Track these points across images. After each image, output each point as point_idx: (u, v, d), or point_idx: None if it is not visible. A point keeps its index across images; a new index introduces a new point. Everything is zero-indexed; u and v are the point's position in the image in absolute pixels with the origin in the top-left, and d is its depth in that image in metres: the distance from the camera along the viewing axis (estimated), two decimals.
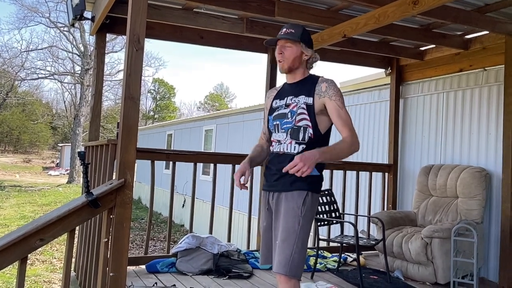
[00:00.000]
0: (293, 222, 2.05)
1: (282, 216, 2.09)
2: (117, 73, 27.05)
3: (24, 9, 24.84)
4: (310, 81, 2.23)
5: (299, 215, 2.06)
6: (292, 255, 2.01)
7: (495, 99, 4.16)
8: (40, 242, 2.21)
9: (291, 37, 2.17)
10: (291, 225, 2.05)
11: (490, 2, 3.43)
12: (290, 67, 2.20)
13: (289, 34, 2.18)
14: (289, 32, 2.18)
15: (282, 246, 2.04)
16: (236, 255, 3.88)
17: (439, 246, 3.58)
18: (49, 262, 8.57)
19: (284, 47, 2.19)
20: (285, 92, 2.28)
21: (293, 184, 2.10)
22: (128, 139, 2.48)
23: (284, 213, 2.09)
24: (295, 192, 2.09)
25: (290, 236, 2.03)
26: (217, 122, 12.24)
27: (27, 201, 15.59)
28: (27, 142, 41.91)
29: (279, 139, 2.20)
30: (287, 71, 2.22)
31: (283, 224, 2.07)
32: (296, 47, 2.19)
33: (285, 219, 2.07)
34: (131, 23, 2.54)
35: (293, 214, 2.06)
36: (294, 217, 2.06)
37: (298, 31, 2.19)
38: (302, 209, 2.07)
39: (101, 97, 4.09)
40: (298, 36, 2.18)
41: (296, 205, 2.07)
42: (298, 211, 2.06)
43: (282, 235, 2.06)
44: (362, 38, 4.48)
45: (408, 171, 5.07)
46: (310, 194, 2.10)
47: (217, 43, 4.42)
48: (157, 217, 14.84)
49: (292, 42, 2.18)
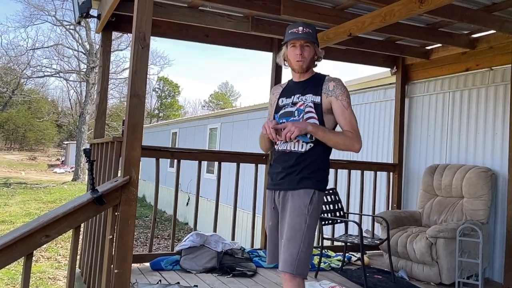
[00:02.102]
0: (300, 221, 2.05)
1: (288, 214, 2.09)
2: (123, 71, 27.15)
3: (30, 7, 24.98)
4: (317, 79, 2.23)
5: (305, 213, 2.06)
6: (298, 254, 2.01)
7: (501, 99, 4.13)
8: (45, 239, 2.22)
9: (311, 38, 2.18)
10: (297, 224, 2.04)
11: (497, 1, 3.41)
12: (308, 67, 2.22)
13: (308, 34, 2.18)
14: (308, 32, 2.18)
15: (288, 245, 2.04)
16: (240, 253, 3.88)
17: (444, 246, 3.57)
18: (54, 259, 8.62)
19: (303, 47, 2.18)
20: (291, 90, 2.28)
21: (300, 183, 2.10)
22: (133, 136, 2.48)
23: (290, 211, 2.09)
24: (302, 190, 2.09)
25: (296, 235, 2.03)
26: (221, 120, 12.24)
27: (33, 198, 15.69)
28: (32, 139, 42.15)
29: None
30: (305, 70, 2.22)
31: (290, 222, 2.07)
32: (313, 48, 2.21)
33: (292, 218, 2.07)
34: (137, 21, 2.54)
35: (299, 212, 2.06)
36: (300, 216, 2.05)
37: (314, 32, 2.22)
38: (309, 207, 2.06)
39: (106, 95, 4.10)
40: (315, 37, 2.21)
41: (303, 204, 2.07)
42: (305, 210, 2.06)
43: (288, 233, 2.05)
44: (367, 36, 4.46)
45: (413, 170, 5.05)
46: (316, 193, 2.10)
47: (223, 42, 4.41)
48: (161, 215, 14.88)
49: (310, 43, 2.19)
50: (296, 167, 2.13)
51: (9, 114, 37.72)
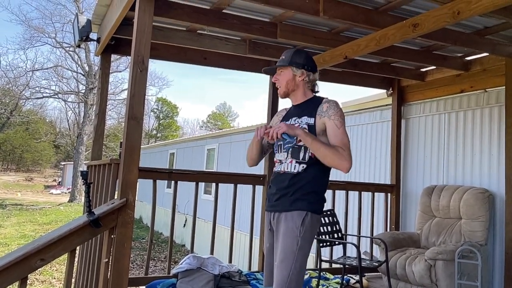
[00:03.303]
0: (292, 243, 2.04)
1: (281, 236, 2.09)
2: (121, 92, 27.36)
3: (31, 29, 25.29)
4: (314, 102, 2.26)
5: (297, 235, 2.05)
6: (289, 276, 2.00)
7: (496, 120, 4.17)
8: (40, 262, 2.20)
9: (282, 63, 2.29)
10: (289, 246, 2.04)
11: (489, 25, 3.48)
12: (286, 91, 2.30)
13: (280, 61, 2.31)
14: (280, 59, 2.31)
15: (280, 267, 2.04)
16: (238, 276, 3.83)
17: (443, 268, 3.54)
18: (49, 282, 8.48)
19: (278, 74, 2.31)
20: (290, 114, 2.33)
21: (293, 204, 2.10)
22: (130, 158, 2.49)
23: (283, 233, 2.09)
24: (295, 212, 2.09)
25: (288, 257, 2.02)
26: (219, 141, 12.26)
27: (28, 220, 15.52)
28: (29, 160, 42.00)
29: (280, 159, 2.23)
30: (284, 95, 2.32)
31: (282, 244, 2.06)
32: (288, 71, 2.27)
33: (284, 240, 2.07)
34: (135, 45, 2.59)
35: (291, 234, 2.05)
36: (292, 238, 2.05)
37: (287, 56, 2.29)
38: (300, 229, 2.06)
39: (104, 117, 4.13)
40: (287, 61, 2.27)
41: (295, 226, 2.06)
42: (297, 232, 2.05)
43: (280, 255, 2.05)
44: (363, 59, 4.53)
45: (410, 191, 5.05)
46: (309, 215, 2.09)
47: (220, 64, 4.48)
48: (158, 237, 14.72)
49: (283, 68, 2.29)
50: (290, 188, 2.13)
51: (6, 135, 37.70)
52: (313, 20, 3.55)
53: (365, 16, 3.21)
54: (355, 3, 3.15)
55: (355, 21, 3.19)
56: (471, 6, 2.62)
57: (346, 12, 3.11)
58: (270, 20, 3.63)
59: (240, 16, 3.53)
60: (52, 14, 24.61)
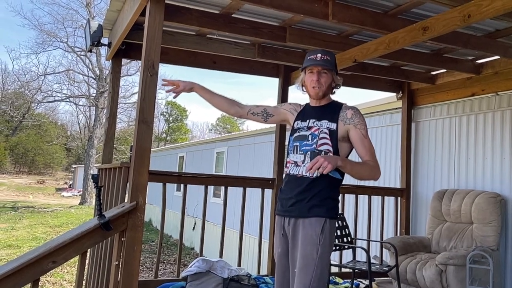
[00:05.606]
0: (312, 250, 2.01)
1: (300, 243, 2.05)
2: (131, 95, 27.56)
3: (43, 34, 25.64)
4: (334, 106, 2.24)
5: (317, 243, 2.02)
6: (310, 284, 1.98)
7: (508, 124, 4.12)
8: (52, 265, 2.23)
9: (329, 65, 2.21)
10: (309, 253, 2.01)
11: (500, 28, 3.45)
12: (325, 94, 2.24)
13: (326, 61, 2.20)
14: (326, 59, 2.21)
15: (300, 275, 2.00)
16: (247, 280, 3.83)
17: (454, 273, 3.50)
18: (59, 284, 8.55)
19: (321, 74, 2.21)
20: (308, 114, 2.28)
21: (311, 211, 2.07)
22: (141, 162, 2.51)
23: (302, 240, 2.05)
24: (313, 218, 2.06)
25: (308, 265, 2.00)
26: (228, 144, 12.29)
27: (40, 222, 15.69)
28: (41, 163, 42.47)
29: (296, 161, 2.18)
30: (322, 97, 2.24)
31: (302, 252, 2.03)
32: (330, 75, 2.23)
33: (304, 247, 2.03)
34: (146, 49, 2.61)
35: (311, 242, 2.02)
36: (312, 245, 2.02)
37: (332, 59, 2.24)
38: (320, 237, 2.03)
39: (115, 120, 4.17)
40: (333, 64, 2.23)
41: (314, 233, 2.03)
42: (317, 239, 2.02)
43: (300, 263, 2.02)
44: (372, 62, 4.52)
45: (421, 195, 5.00)
46: (328, 221, 2.07)
47: (230, 68, 4.49)
48: (168, 240, 14.77)
49: (328, 70, 2.21)
50: (307, 193, 2.09)
51: (19, 138, 38.20)
52: (322, 23, 3.55)
53: (374, 19, 3.20)
54: (364, 6, 3.15)
55: (364, 24, 3.18)
56: (481, 9, 2.60)
57: (355, 15, 3.10)
58: (279, 24, 3.64)
59: (249, 20, 3.55)
60: (64, 19, 24.96)
